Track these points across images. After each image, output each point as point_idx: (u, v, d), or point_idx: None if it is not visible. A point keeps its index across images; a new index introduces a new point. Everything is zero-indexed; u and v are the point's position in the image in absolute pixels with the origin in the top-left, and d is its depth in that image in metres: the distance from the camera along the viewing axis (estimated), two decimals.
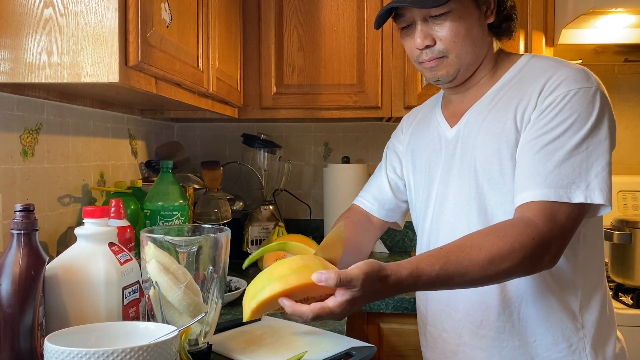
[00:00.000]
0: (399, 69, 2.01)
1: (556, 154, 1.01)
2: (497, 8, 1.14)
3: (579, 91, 1.03)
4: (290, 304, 0.90)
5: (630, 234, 1.80)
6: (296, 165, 2.41)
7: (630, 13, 1.81)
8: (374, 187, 1.41)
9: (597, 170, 1.00)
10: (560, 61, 1.11)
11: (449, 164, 1.19)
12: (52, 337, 0.87)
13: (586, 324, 1.10)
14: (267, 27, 2.03)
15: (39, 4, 1.04)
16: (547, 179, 1.00)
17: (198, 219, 1.89)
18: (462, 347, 1.17)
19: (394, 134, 1.43)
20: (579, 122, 1.01)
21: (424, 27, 1.11)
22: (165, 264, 1.01)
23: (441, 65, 1.13)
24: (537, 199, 1.00)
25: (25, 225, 0.92)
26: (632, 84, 2.29)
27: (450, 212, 1.18)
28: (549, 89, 1.05)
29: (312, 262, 0.94)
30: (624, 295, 1.83)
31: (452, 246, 0.97)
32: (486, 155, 1.11)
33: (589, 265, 1.12)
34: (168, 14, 1.21)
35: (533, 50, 1.96)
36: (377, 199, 1.39)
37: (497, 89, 1.15)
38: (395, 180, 1.38)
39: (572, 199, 0.99)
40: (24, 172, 1.30)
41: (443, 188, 1.19)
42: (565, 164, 1.00)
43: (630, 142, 2.29)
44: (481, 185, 1.12)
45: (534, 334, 1.10)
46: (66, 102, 1.44)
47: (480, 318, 1.13)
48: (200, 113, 1.98)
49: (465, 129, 1.17)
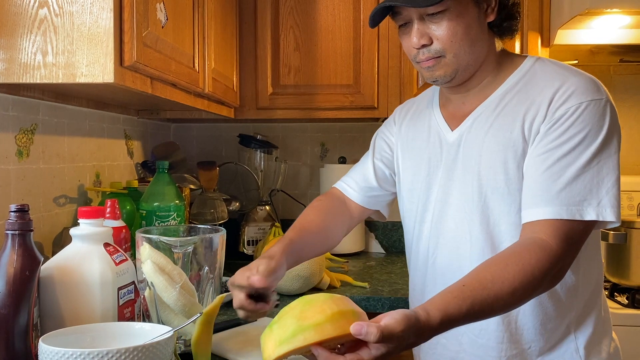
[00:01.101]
0: (395, 69, 2.01)
1: (567, 171, 0.99)
2: (499, 6, 1.10)
3: (590, 104, 1.01)
4: (326, 355, 0.83)
5: (626, 234, 1.81)
6: (292, 165, 2.41)
7: (626, 14, 1.82)
8: (357, 173, 1.35)
9: (608, 187, 0.99)
10: (568, 68, 1.08)
11: (450, 169, 1.15)
12: (47, 337, 0.87)
13: (580, 326, 1.10)
14: (264, 27, 2.03)
15: (33, 4, 1.04)
16: (559, 196, 0.98)
17: (194, 219, 1.89)
18: (461, 354, 1.15)
19: (386, 122, 1.39)
20: (590, 137, 1.00)
21: (420, 26, 1.08)
22: (161, 264, 1.01)
23: (438, 65, 1.09)
24: (548, 217, 0.98)
25: (20, 226, 0.92)
26: (627, 85, 2.30)
27: (451, 219, 1.15)
28: (560, 100, 1.03)
29: (345, 307, 0.87)
30: (619, 295, 1.84)
31: (473, 282, 0.93)
32: (491, 163, 1.08)
33: (589, 273, 1.11)
34: (163, 14, 1.21)
35: (529, 51, 1.96)
36: (359, 184, 1.33)
37: (502, 93, 1.12)
38: (382, 169, 1.33)
39: (584, 217, 0.98)
40: (19, 172, 1.30)
41: (443, 193, 1.16)
42: (577, 181, 0.99)
43: (625, 142, 2.28)
44: (485, 194, 1.09)
45: (529, 341, 1.10)
46: (61, 103, 1.44)
47: (480, 327, 1.12)
48: (196, 113, 1.98)
49: (470, 134, 1.13)
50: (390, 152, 1.33)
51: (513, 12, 1.12)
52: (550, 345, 1.09)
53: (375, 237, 2.38)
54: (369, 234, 2.37)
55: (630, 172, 2.29)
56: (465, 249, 1.12)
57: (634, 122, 2.30)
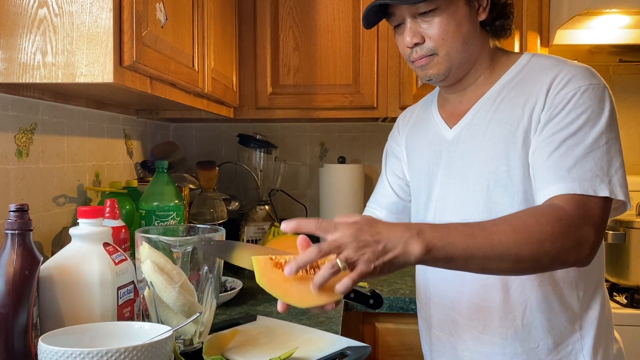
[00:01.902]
0: (395, 69, 2.01)
1: (575, 150, 0.99)
2: (490, 5, 1.11)
3: (589, 87, 1.02)
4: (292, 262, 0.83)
5: (625, 233, 1.81)
6: (292, 165, 2.41)
7: (625, 14, 1.82)
8: (378, 195, 1.38)
9: (616, 167, 0.99)
10: (563, 60, 1.10)
11: (450, 166, 1.16)
12: (47, 337, 0.87)
13: (585, 325, 1.09)
14: (263, 27, 2.03)
15: (33, 4, 1.04)
16: (570, 173, 0.97)
17: (194, 219, 1.89)
18: (466, 352, 1.15)
19: (391, 135, 1.41)
20: (593, 118, 1.00)
21: (412, 25, 1.09)
22: (160, 264, 1.01)
23: (431, 63, 1.11)
24: (562, 193, 0.97)
25: (20, 226, 0.92)
26: (626, 85, 2.30)
27: (451, 215, 1.15)
28: (558, 87, 1.03)
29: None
30: (619, 295, 1.84)
31: (481, 220, 0.95)
32: (493, 156, 1.09)
33: (590, 268, 1.10)
34: (163, 14, 1.21)
35: (528, 51, 1.96)
36: (382, 205, 1.36)
37: (498, 88, 1.13)
38: (397, 182, 1.35)
39: (598, 193, 0.96)
40: (19, 172, 1.30)
41: (444, 191, 1.17)
42: (587, 159, 0.98)
43: (624, 142, 2.28)
44: (487, 187, 1.09)
45: (537, 340, 1.09)
46: (61, 102, 1.44)
47: (483, 324, 1.12)
48: (195, 113, 1.98)
49: (469, 130, 1.14)
50: (399, 162, 1.35)
51: (505, 11, 1.14)
52: (558, 344, 1.09)
53: None
54: None
55: (629, 172, 2.28)
56: None
57: (633, 121, 2.30)
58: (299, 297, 0.85)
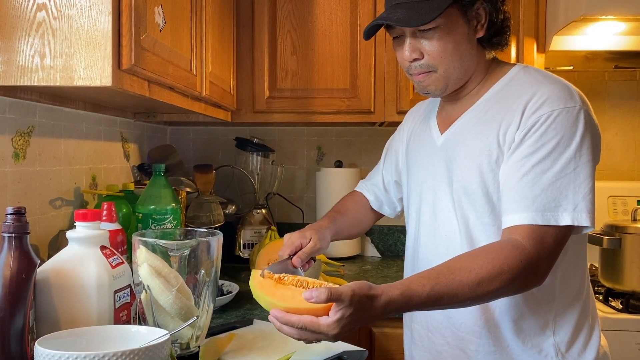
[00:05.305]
0: (392, 74, 2.02)
1: (543, 177, 1.02)
2: (488, 22, 1.13)
3: (562, 111, 1.04)
4: (282, 315, 0.91)
5: (620, 239, 1.81)
6: (289, 169, 2.42)
7: (621, 20, 1.83)
8: (370, 182, 1.50)
9: (584, 192, 1.02)
10: (547, 76, 1.11)
11: (437, 171, 1.21)
12: (43, 340, 0.86)
13: (559, 331, 1.12)
14: (261, 31, 2.03)
15: (32, 6, 1.04)
16: (534, 202, 1.01)
17: (190, 222, 1.89)
18: (445, 347, 1.20)
19: (399, 128, 1.47)
20: (563, 144, 1.03)
21: (412, 41, 1.12)
22: (157, 267, 1.01)
23: (429, 79, 1.14)
24: (524, 223, 1.02)
25: (17, 228, 0.92)
26: (622, 91, 2.31)
27: (431, 220, 1.21)
28: (532, 108, 1.06)
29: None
30: (614, 300, 1.85)
31: (442, 268, 0.99)
32: (467, 166, 1.13)
33: (569, 278, 1.14)
34: (161, 18, 1.21)
35: (525, 57, 1.97)
36: (371, 192, 1.48)
37: (484, 100, 1.16)
38: (389, 179, 1.45)
39: (559, 222, 1.01)
40: (16, 174, 1.29)
41: (432, 194, 1.22)
42: (552, 187, 1.02)
43: (620, 148, 2.31)
44: (460, 196, 1.14)
45: (507, 340, 1.13)
46: (58, 105, 1.43)
47: (460, 321, 1.16)
48: (193, 116, 1.98)
49: (453, 138, 1.19)
50: (396, 160, 1.43)
51: (503, 27, 1.16)
52: (529, 346, 1.12)
53: (371, 241, 2.38)
54: (365, 238, 2.37)
55: (624, 178, 2.30)
56: (455, 249, 1.15)
57: (628, 127, 2.31)
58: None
